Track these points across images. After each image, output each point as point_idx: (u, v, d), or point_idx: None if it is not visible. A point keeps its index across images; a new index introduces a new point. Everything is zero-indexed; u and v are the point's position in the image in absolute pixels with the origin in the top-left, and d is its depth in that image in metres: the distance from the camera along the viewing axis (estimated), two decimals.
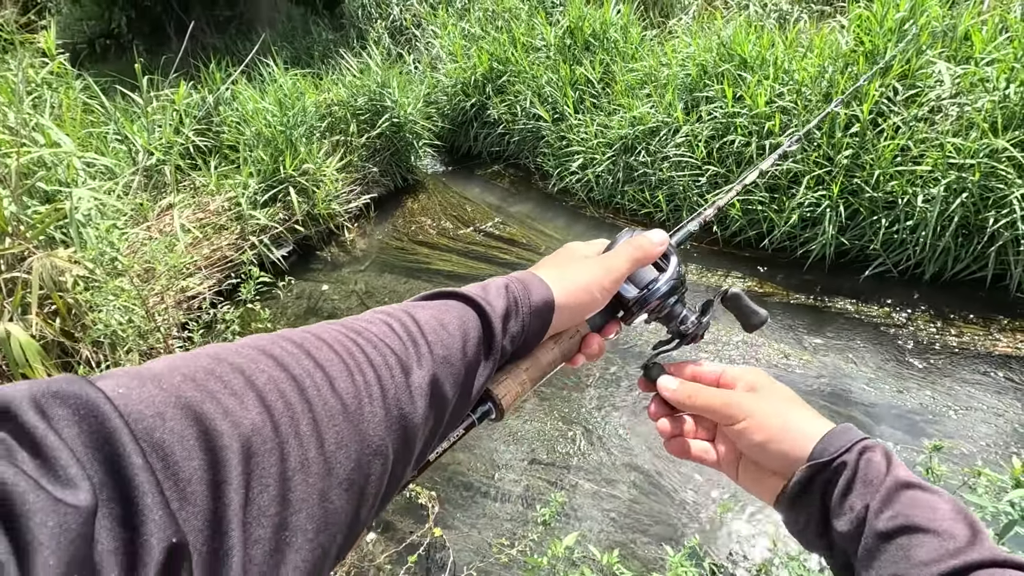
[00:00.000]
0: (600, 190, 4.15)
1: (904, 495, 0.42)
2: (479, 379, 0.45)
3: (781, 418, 0.50)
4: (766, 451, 0.49)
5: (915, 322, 2.90)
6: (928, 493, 0.42)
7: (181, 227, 3.18)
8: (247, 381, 0.31)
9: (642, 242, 0.55)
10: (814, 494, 0.46)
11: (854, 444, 0.46)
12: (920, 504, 0.41)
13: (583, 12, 4.72)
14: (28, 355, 2.05)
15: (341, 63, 5.39)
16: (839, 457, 0.45)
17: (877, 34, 3.35)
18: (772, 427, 0.49)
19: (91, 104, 4.09)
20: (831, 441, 0.46)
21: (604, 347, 0.56)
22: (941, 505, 0.41)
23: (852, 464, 0.45)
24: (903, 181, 2.97)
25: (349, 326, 0.40)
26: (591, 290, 0.51)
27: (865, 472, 0.44)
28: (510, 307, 0.46)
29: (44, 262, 2.41)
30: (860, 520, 0.43)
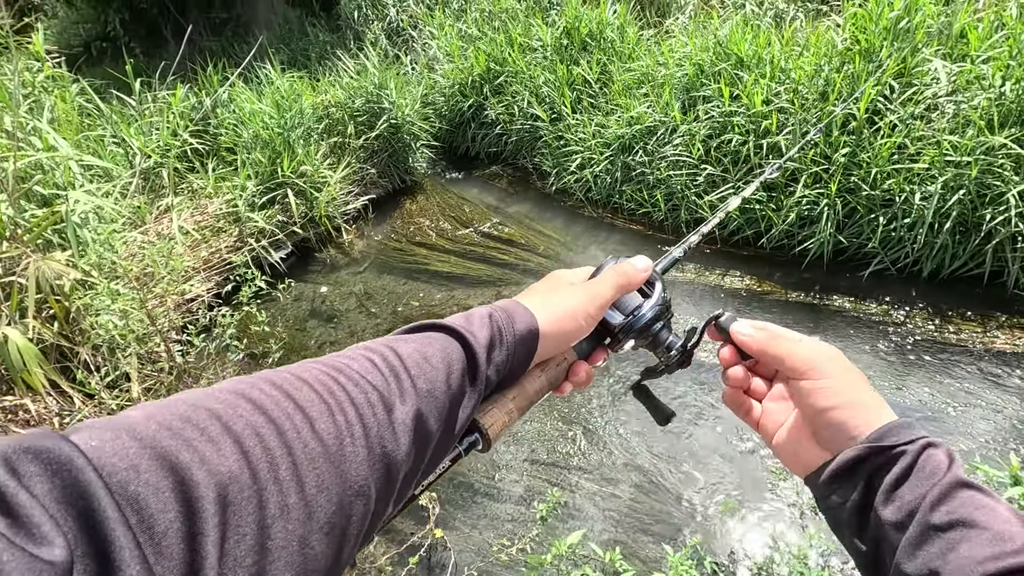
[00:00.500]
0: (598, 190, 4.16)
1: (963, 493, 0.42)
2: (464, 410, 0.45)
3: (854, 392, 0.48)
4: (826, 417, 0.48)
5: (913, 319, 2.91)
6: (987, 496, 0.42)
7: (179, 230, 3.18)
8: (224, 427, 0.31)
9: (626, 268, 0.55)
10: (860, 475, 0.46)
11: (918, 439, 0.45)
12: (978, 504, 0.41)
13: (579, 12, 4.72)
14: (26, 359, 2.04)
15: (338, 65, 5.39)
16: (900, 447, 0.44)
17: (873, 32, 3.36)
18: (843, 396, 0.48)
19: (87, 107, 4.08)
20: (895, 430, 0.46)
21: (592, 374, 0.56)
22: (1000, 508, 0.41)
23: (912, 455, 0.44)
24: (900, 179, 2.98)
25: (330, 364, 0.39)
26: (576, 317, 0.51)
27: (924, 466, 0.43)
28: (494, 336, 0.46)
29: (40, 266, 2.40)
30: (911, 511, 0.42)
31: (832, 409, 0.48)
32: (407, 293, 3.83)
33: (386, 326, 3.56)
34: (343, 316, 3.72)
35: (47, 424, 2.28)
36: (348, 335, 3.55)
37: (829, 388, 0.48)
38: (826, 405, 0.48)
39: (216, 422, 0.31)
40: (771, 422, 0.53)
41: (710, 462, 2.43)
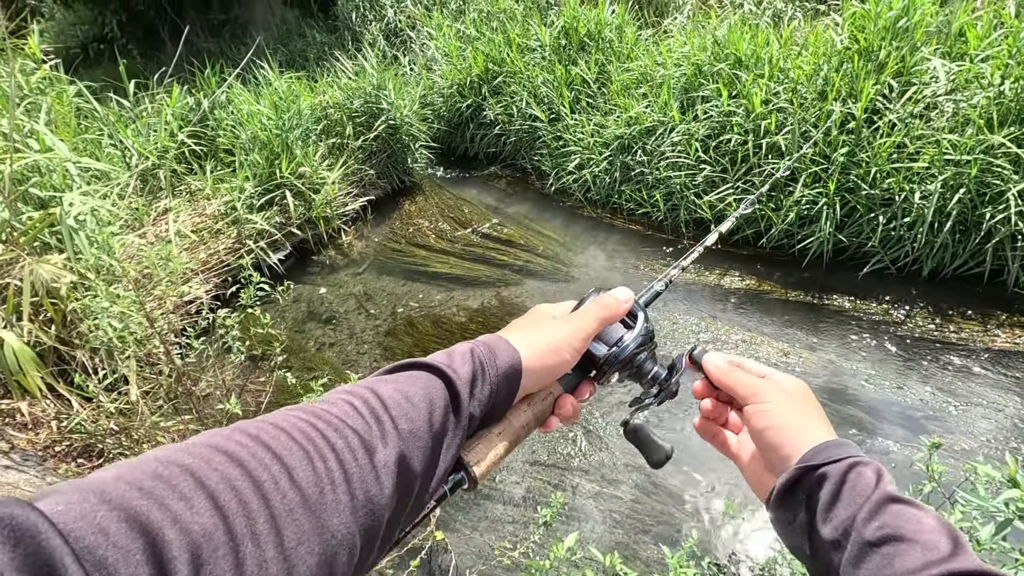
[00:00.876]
0: (597, 190, 4.15)
1: (891, 508, 0.44)
2: (449, 449, 0.44)
3: (791, 415, 0.51)
4: (763, 438, 0.51)
5: (914, 319, 2.90)
6: (914, 508, 0.44)
7: (177, 232, 3.16)
8: (197, 482, 0.30)
9: (608, 300, 0.56)
10: (799, 496, 0.48)
11: (846, 458, 0.47)
12: (906, 517, 0.43)
13: (577, 12, 4.72)
14: (22, 362, 2.03)
15: (336, 66, 5.38)
16: (826, 465, 0.47)
17: (872, 32, 3.36)
18: (779, 419, 0.51)
19: (85, 108, 4.06)
20: (825, 450, 0.48)
21: (579, 409, 0.56)
22: (926, 519, 0.43)
23: (839, 475, 0.46)
24: (900, 178, 2.98)
25: (309, 411, 0.39)
26: (560, 350, 0.51)
27: (854, 484, 0.46)
28: (476, 372, 0.46)
29: (35, 268, 2.39)
30: (846, 529, 0.44)
31: (767, 430, 0.51)
32: (406, 294, 3.82)
33: (385, 327, 3.55)
34: (342, 317, 3.71)
35: (44, 427, 2.27)
36: (348, 336, 3.54)
37: (766, 411, 0.52)
38: (764, 425, 0.51)
39: (189, 477, 0.30)
40: (742, 452, 0.56)
41: (711, 463, 2.42)
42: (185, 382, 1.98)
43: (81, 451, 2.24)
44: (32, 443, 2.16)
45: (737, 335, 3.01)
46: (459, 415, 0.45)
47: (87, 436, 2.18)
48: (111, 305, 2.11)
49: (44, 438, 2.19)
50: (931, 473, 1.86)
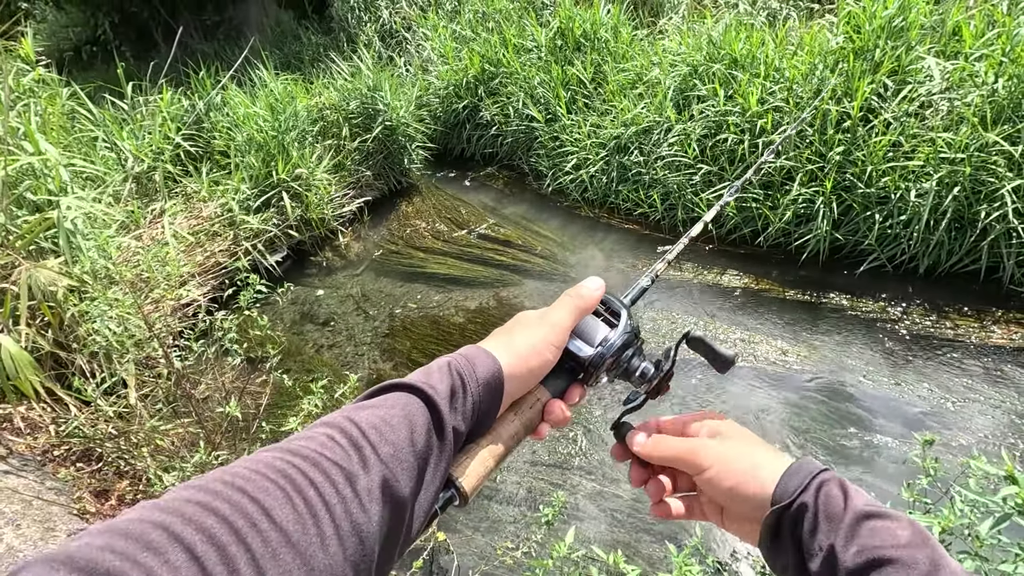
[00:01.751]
0: (594, 190, 4.16)
1: (864, 527, 0.43)
2: (437, 467, 0.44)
3: (746, 460, 0.50)
4: (736, 497, 0.50)
5: (910, 316, 2.92)
6: (886, 520, 0.44)
7: (174, 234, 3.15)
8: (171, 536, 0.30)
9: (579, 290, 0.55)
10: (785, 537, 0.47)
11: (811, 481, 0.47)
12: (882, 535, 0.43)
13: (573, 12, 4.72)
14: (19, 366, 2.02)
15: (332, 67, 5.37)
16: (798, 498, 0.46)
17: (867, 31, 3.38)
18: (738, 471, 0.50)
19: (79, 111, 4.04)
20: (789, 481, 0.47)
21: (568, 414, 0.55)
22: (901, 532, 0.43)
23: (812, 503, 0.46)
24: (895, 176, 3.00)
25: (285, 448, 0.38)
26: (539, 350, 0.51)
27: (826, 508, 0.45)
28: (455, 385, 0.46)
29: (32, 273, 2.37)
30: (828, 560, 0.44)
31: (736, 487, 0.50)
32: (404, 295, 3.82)
33: (383, 329, 3.54)
34: (340, 319, 3.70)
35: (43, 432, 2.25)
36: (346, 338, 3.53)
37: (721, 470, 0.50)
38: (729, 486, 0.50)
39: (162, 532, 0.30)
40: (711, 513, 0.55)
41: None
42: (184, 385, 1.97)
43: (80, 455, 2.23)
44: (30, 448, 2.15)
45: (735, 334, 3.02)
46: (442, 432, 0.44)
47: (86, 440, 2.17)
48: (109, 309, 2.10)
49: (43, 442, 2.17)
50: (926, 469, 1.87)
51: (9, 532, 1.54)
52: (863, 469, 2.29)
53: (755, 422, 2.55)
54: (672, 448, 0.54)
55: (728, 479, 0.50)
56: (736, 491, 0.49)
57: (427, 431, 0.43)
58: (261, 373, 2.72)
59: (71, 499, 1.89)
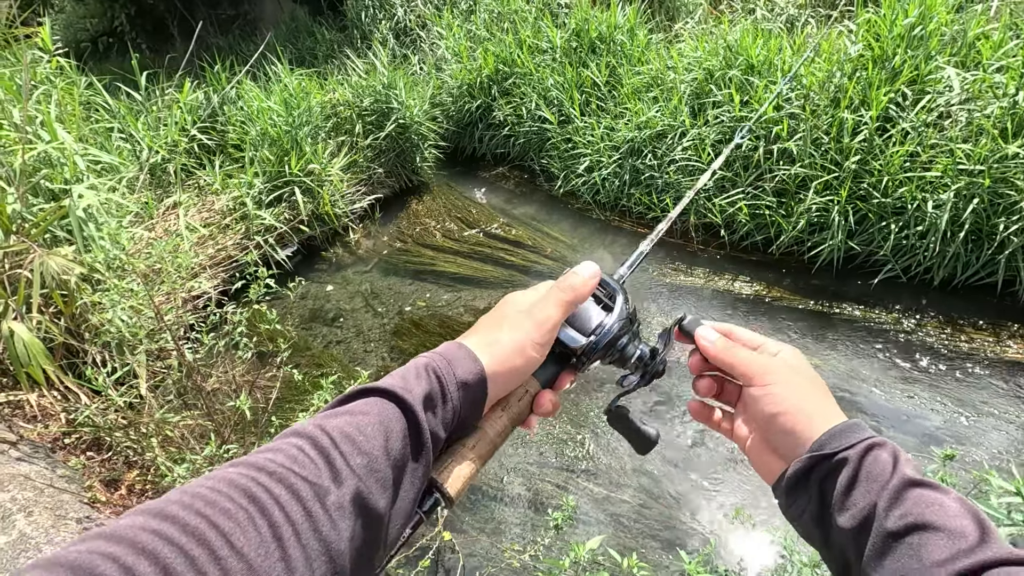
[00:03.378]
0: (606, 193, 4.14)
1: (912, 493, 0.42)
2: (415, 473, 0.42)
3: (799, 398, 0.48)
4: (774, 424, 0.48)
5: (924, 328, 2.89)
6: (936, 491, 0.42)
7: (186, 226, 3.15)
8: (123, 569, 0.28)
9: (570, 281, 0.51)
10: (812, 485, 0.46)
11: (861, 441, 0.45)
12: (928, 502, 0.41)
13: (589, 14, 4.71)
14: (32, 354, 2.02)
15: (347, 63, 5.38)
16: (841, 452, 0.44)
17: (887, 39, 3.35)
18: (788, 402, 0.48)
19: (95, 102, 4.06)
20: (838, 435, 0.45)
21: (558, 402, 0.53)
22: (949, 503, 0.41)
23: (855, 461, 0.44)
24: (913, 187, 2.97)
25: (251, 463, 0.37)
26: (524, 350, 0.48)
27: (871, 469, 0.43)
28: (433, 389, 0.44)
29: (44, 260, 2.38)
30: (866, 518, 0.42)
31: (779, 416, 0.48)
32: (413, 293, 3.81)
33: (392, 326, 3.54)
34: (349, 315, 3.70)
35: (53, 420, 2.26)
36: (354, 334, 3.53)
37: (775, 395, 0.49)
38: (773, 411, 0.48)
39: (112, 565, 0.28)
40: (742, 433, 0.53)
41: (719, 468, 2.41)
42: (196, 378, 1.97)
43: (90, 444, 2.23)
44: (41, 435, 2.16)
45: None
46: (420, 438, 0.42)
47: (96, 429, 2.17)
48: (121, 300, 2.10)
49: (53, 430, 2.18)
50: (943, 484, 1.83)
51: (21, 519, 1.55)
52: None
53: None
54: (742, 357, 0.51)
55: (780, 405, 0.48)
56: (780, 421, 0.48)
57: (403, 438, 0.41)
58: (270, 367, 2.73)
59: (81, 487, 1.90)
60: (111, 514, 1.84)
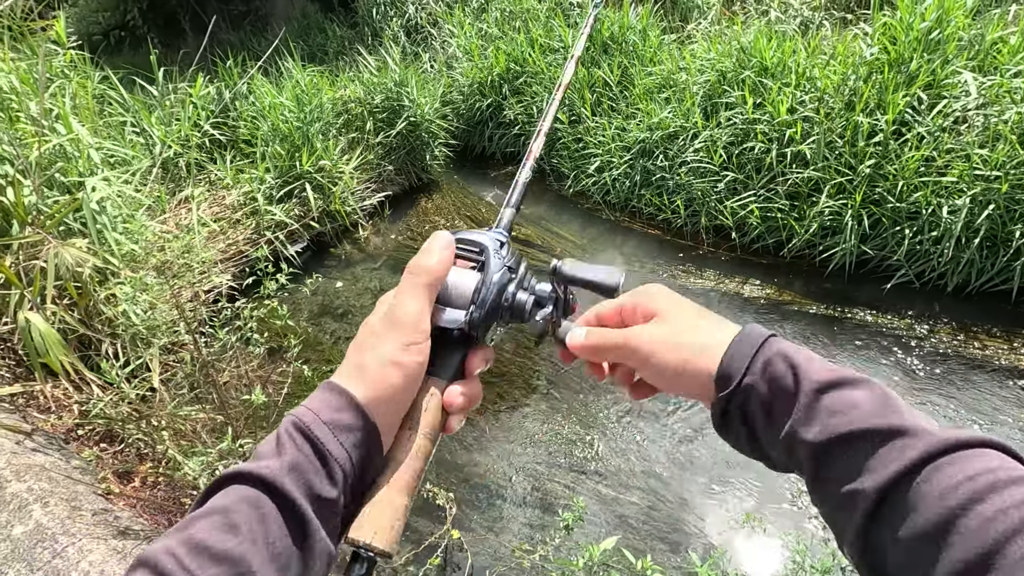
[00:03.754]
0: (616, 193, 4.13)
1: (822, 403, 0.39)
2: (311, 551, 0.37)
3: (686, 340, 0.46)
4: (682, 381, 0.46)
5: (937, 334, 2.87)
6: (843, 388, 0.39)
7: (199, 221, 3.17)
8: None
9: (421, 261, 0.45)
10: (734, 419, 0.44)
11: (754, 356, 0.43)
12: (839, 407, 0.39)
13: (602, 14, 4.70)
14: (48, 344, 2.04)
15: (358, 60, 5.39)
16: (743, 380, 0.42)
17: (903, 43, 3.33)
18: (678, 357, 0.45)
19: (109, 95, 4.08)
20: (732, 359, 0.43)
21: (477, 391, 0.48)
22: (859, 398, 0.39)
23: (759, 383, 0.42)
24: (928, 192, 2.95)
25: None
26: (395, 360, 0.42)
27: (775, 388, 0.41)
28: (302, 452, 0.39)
29: (59, 251, 2.40)
30: (789, 445, 0.41)
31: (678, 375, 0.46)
32: None
33: None
34: (358, 312, 3.71)
35: (67, 411, 2.27)
36: None
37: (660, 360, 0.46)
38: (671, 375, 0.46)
39: None
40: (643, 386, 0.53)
41: (729, 471, 2.41)
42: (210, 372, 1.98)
43: (103, 436, 2.25)
44: (54, 426, 2.17)
45: None
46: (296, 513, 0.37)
47: (109, 421, 2.19)
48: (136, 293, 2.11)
49: (67, 422, 2.20)
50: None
51: (38, 509, 1.56)
52: None
53: None
54: (608, 340, 0.49)
55: (670, 366, 0.46)
56: (681, 374, 0.45)
57: (278, 522, 0.36)
58: (281, 363, 2.74)
59: (95, 479, 1.91)
60: (125, 506, 1.85)
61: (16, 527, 1.53)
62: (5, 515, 1.56)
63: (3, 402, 2.16)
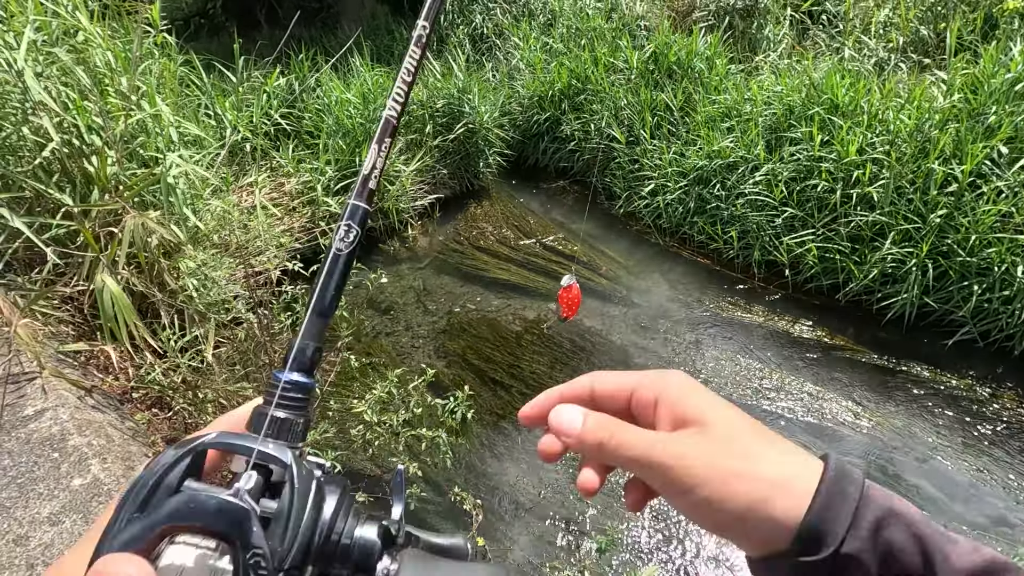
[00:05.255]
0: (668, 218, 4.09)
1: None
2: None
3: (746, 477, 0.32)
4: (733, 529, 0.33)
5: (1000, 399, 2.73)
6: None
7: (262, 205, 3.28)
8: None
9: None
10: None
11: (859, 513, 0.30)
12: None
13: (670, 39, 4.69)
14: (118, 308, 2.13)
15: (424, 64, 5.51)
16: (842, 545, 0.30)
17: (984, 92, 3.21)
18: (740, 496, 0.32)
19: (189, 78, 4.29)
20: (828, 511, 0.30)
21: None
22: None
23: (869, 558, 0.30)
24: (1002, 248, 2.82)
25: None
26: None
27: (899, 570, 0.30)
28: None
29: (138, 221, 2.52)
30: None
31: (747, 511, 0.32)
32: (464, 295, 3.85)
33: (441, 325, 3.58)
34: (400, 309, 3.76)
35: (122, 374, 2.37)
36: (404, 328, 3.58)
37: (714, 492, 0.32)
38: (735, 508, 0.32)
39: None
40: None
41: None
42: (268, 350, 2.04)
43: (154, 401, 2.33)
44: (111, 387, 2.27)
45: (802, 386, 2.90)
46: None
47: (161, 389, 2.27)
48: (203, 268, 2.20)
49: (123, 383, 2.29)
50: None
51: (96, 464, 1.62)
52: None
53: None
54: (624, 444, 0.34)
55: (728, 505, 0.32)
56: (744, 519, 0.32)
57: None
58: (327, 350, 2.79)
59: (146, 442, 1.98)
60: None
61: (75, 479, 1.59)
62: (66, 466, 1.63)
63: (68, 357, 2.26)
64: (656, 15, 5.48)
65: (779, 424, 2.72)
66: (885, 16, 4.55)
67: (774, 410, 2.80)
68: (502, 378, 3.10)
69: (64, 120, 2.56)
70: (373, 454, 2.30)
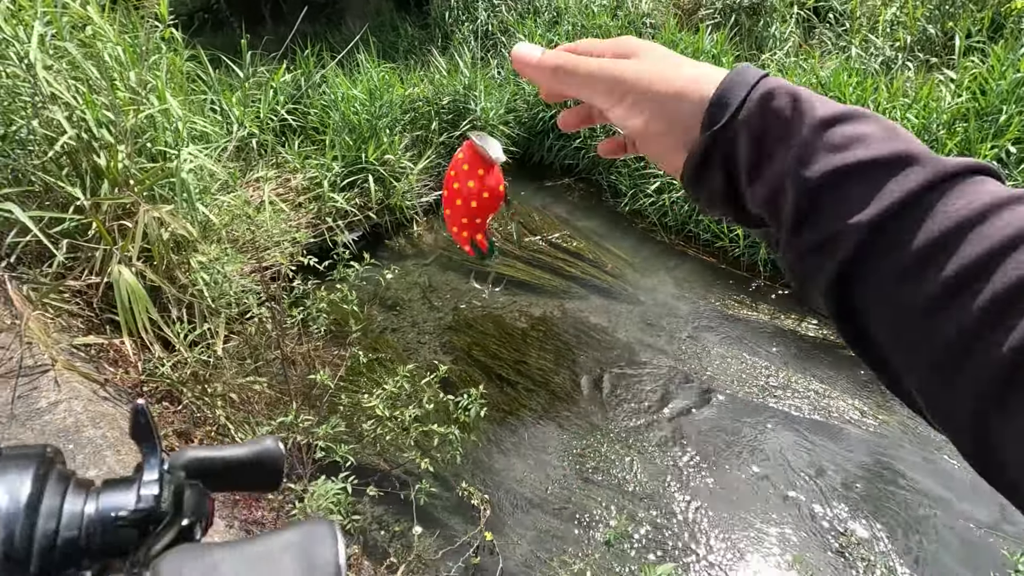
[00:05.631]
0: (674, 216, 4.10)
1: (824, 138, 0.33)
2: None
3: (674, 73, 0.39)
4: (667, 118, 0.39)
5: None
6: (854, 123, 0.33)
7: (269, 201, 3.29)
8: None
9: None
10: (714, 163, 0.37)
11: (755, 86, 0.36)
12: (844, 141, 0.32)
13: (675, 36, 4.69)
14: (133, 299, 2.14)
15: (429, 61, 5.52)
16: (740, 110, 0.35)
17: (992, 93, 3.22)
18: (669, 87, 0.38)
19: (196, 73, 4.29)
20: (732, 87, 0.36)
21: None
22: (870, 134, 0.32)
23: (755, 120, 0.35)
24: None
25: None
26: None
27: (774, 121, 0.34)
28: None
29: (151, 213, 2.53)
30: (775, 188, 0.34)
31: (676, 99, 0.38)
32: (470, 292, 3.86)
33: (447, 321, 3.59)
34: (406, 305, 3.77)
35: (133, 366, 2.38)
36: (409, 324, 3.59)
37: (641, 95, 0.39)
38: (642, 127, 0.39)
39: None
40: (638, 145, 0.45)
41: (775, 509, 2.34)
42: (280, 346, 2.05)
43: (164, 395, 2.35)
44: (123, 380, 2.28)
45: (809, 384, 2.91)
46: None
47: (171, 383, 2.28)
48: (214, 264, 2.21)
49: (134, 377, 2.31)
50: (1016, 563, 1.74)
51: (111, 455, 1.64)
52: (939, 547, 2.17)
53: (807, 482, 2.44)
54: (578, 65, 0.41)
55: (660, 93, 0.38)
56: (680, 99, 0.38)
57: None
58: (336, 345, 2.81)
59: None
60: None
61: (91, 469, 1.61)
62: (81, 457, 1.65)
63: (80, 351, 2.28)
64: (662, 13, 5.48)
65: (785, 421, 2.73)
66: (892, 15, 4.55)
67: (780, 408, 2.81)
68: (508, 374, 3.12)
69: (73, 114, 2.57)
70: (382, 448, 2.31)
